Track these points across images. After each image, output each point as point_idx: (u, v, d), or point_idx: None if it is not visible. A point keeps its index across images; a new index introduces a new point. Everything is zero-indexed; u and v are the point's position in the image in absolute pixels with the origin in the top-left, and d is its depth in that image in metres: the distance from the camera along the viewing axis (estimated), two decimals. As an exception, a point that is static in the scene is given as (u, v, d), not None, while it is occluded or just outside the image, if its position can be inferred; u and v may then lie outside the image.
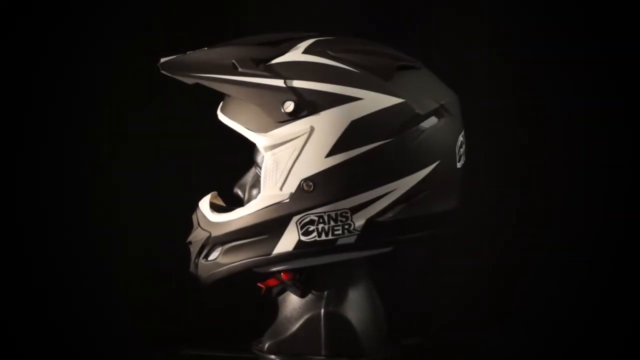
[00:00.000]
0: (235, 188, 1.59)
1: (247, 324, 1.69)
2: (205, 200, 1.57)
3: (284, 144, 1.45)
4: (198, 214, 1.57)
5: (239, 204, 1.53)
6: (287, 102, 1.45)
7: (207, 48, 1.52)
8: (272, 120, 1.46)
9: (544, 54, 1.99)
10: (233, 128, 1.50)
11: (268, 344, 1.57)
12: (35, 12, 1.99)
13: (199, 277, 1.55)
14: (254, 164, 1.56)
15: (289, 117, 1.44)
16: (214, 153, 1.97)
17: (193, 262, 1.56)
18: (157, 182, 2.02)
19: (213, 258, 1.52)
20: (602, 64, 1.97)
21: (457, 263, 1.99)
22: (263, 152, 1.47)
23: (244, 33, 1.58)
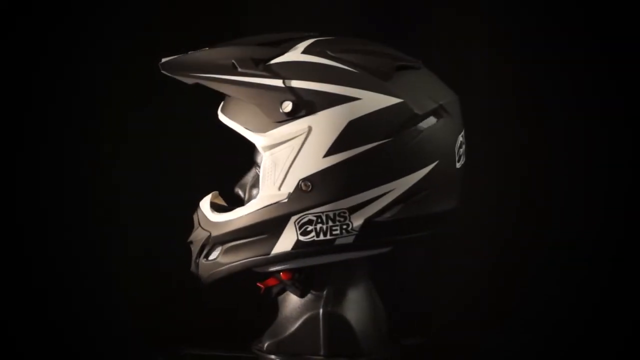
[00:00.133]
0: (236, 188, 1.58)
1: (247, 324, 1.69)
2: (206, 200, 1.57)
3: (282, 144, 1.45)
4: (199, 214, 1.57)
5: (240, 204, 1.53)
6: (285, 102, 1.44)
7: (207, 48, 1.52)
8: (270, 120, 1.46)
9: (544, 54, 1.98)
10: (233, 128, 1.50)
11: (267, 344, 1.57)
12: (35, 12, 1.99)
13: (200, 276, 1.55)
14: (254, 164, 1.56)
15: (287, 117, 1.44)
16: (214, 153, 1.97)
17: (194, 261, 1.56)
18: (157, 182, 2.02)
19: (213, 258, 1.52)
20: (602, 64, 1.97)
21: (457, 263, 1.99)
22: (262, 152, 1.47)
23: (244, 33, 1.58)
